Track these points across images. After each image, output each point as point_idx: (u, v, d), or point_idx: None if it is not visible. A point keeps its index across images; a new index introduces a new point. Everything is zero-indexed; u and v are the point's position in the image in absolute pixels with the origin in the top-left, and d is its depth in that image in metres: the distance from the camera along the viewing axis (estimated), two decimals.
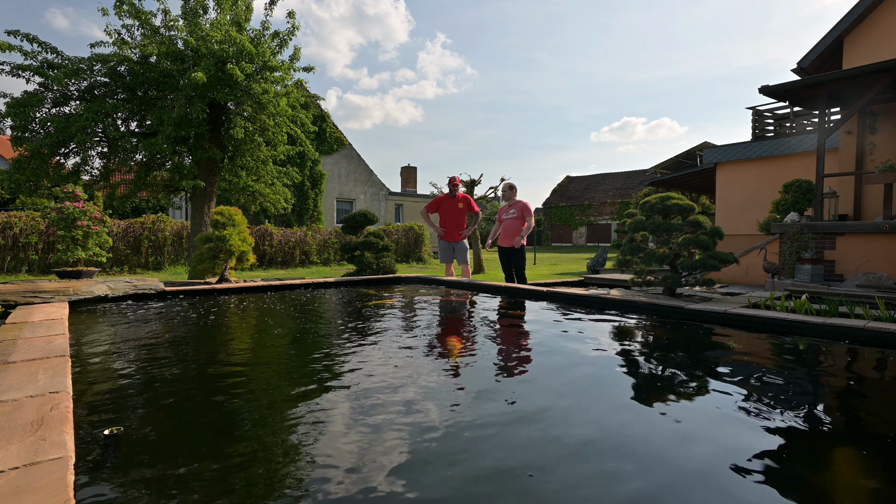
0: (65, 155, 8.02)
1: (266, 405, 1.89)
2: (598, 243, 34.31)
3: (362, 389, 2.01)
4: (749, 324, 3.38)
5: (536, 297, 4.75)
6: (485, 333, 3.37)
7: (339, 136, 21.67)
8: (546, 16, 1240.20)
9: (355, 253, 7.83)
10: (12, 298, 3.72)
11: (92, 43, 7.86)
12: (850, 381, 2.34)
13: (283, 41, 8.50)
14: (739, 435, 1.63)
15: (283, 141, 9.60)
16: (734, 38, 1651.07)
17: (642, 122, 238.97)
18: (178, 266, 12.05)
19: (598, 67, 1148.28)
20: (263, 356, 2.76)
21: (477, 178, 14.09)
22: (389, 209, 25.71)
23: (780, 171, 9.08)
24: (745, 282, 7.57)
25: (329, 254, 15.28)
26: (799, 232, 6.25)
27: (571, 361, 2.54)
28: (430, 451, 1.45)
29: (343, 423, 1.66)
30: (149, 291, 4.55)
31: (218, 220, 6.50)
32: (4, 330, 2.67)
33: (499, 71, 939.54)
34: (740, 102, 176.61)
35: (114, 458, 1.39)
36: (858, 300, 4.77)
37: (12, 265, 10.07)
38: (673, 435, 1.61)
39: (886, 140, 7.08)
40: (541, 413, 1.79)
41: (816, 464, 1.47)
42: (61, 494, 0.99)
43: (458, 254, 6.57)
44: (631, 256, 5.42)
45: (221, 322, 3.70)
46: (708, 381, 2.24)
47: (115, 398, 1.88)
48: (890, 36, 7.04)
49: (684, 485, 1.30)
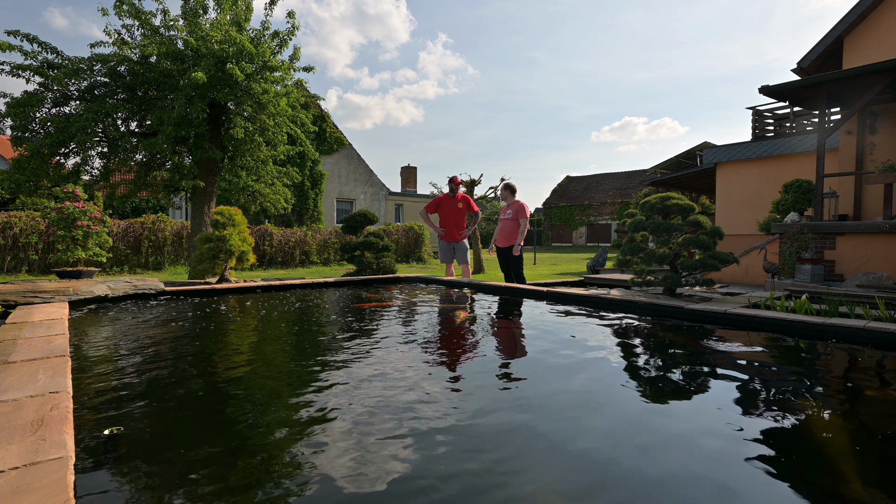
0: (65, 155, 8.03)
1: (266, 405, 1.89)
2: (598, 243, 34.32)
3: (362, 390, 2.01)
4: (749, 324, 3.38)
5: (536, 297, 4.75)
6: (485, 333, 3.37)
7: (339, 136, 21.67)
8: (547, 15, 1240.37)
9: (355, 253, 7.83)
10: (12, 298, 3.72)
11: (92, 43, 7.86)
12: (850, 381, 2.34)
13: (283, 41, 8.51)
14: (739, 435, 1.63)
15: (283, 141, 9.60)
16: (735, 37, 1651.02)
17: (643, 121, 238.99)
18: (178, 266, 12.05)
19: (598, 67, 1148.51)
20: (263, 356, 2.76)
21: (477, 178, 14.09)
22: (389, 209, 25.71)
23: (780, 171, 9.08)
24: (745, 282, 7.58)
25: (329, 254, 15.28)
26: (799, 232, 6.25)
27: (571, 361, 2.54)
28: (431, 452, 1.45)
29: (343, 424, 1.66)
30: (149, 291, 4.55)
31: (218, 220, 6.50)
32: (4, 330, 2.67)
33: (499, 70, 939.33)
34: (740, 102, 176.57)
35: (114, 458, 1.39)
36: (858, 300, 4.77)
37: (12, 265, 10.07)
38: (673, 435, 1.61)
39: (886, 140, 7.09)
40: (541, 413, 1.79)
41: (816, 464, 1.47)
42: (61, 494, 0.99)
43: (458, 254, 6.57)
44: (631, 256, 5.42)
45: (221, 322, 3.70)
46: (708, 382, 2.24)
47: (115, 398, 1.88)
48: (890, 36, 7.04)
49: (684, 485, 1.30)
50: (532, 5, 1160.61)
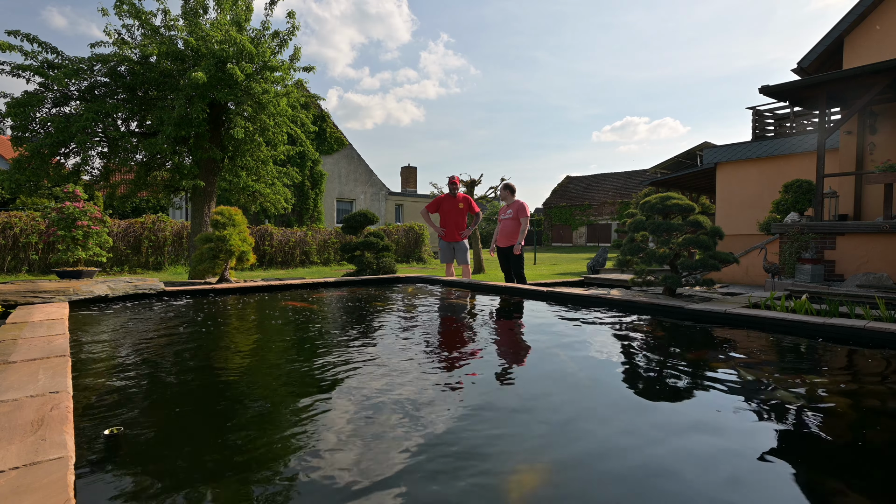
0: (65, 155, 8.03)
1: (267, 405, 1.89)
2: (598, 243, 34.31)
3: (362, 390, 2.01)
4: (749, 324, 3.38)
5: (536, 297, 4.75)
6: (485, 334, 3.37)
7: (340, 136, 21.68)
8: (547, 15, 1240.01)
9: (355, 253, 7.83)
10: (12, 298, 3.72)
11: (92, 43, 7.86)
12: (849, 381, 2.34)
13: (284, 41, 8.51)
14: (739, 435, 1.63)
15: (284, 141, 9.60)
16: (735, 37, 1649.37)
17: (644, 121, 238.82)
18: (179, 266, 12.05)
19: (599, 67, 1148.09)
20: (263, 356, 2.75)
21: (477, 178, 14.08)
22: (389, 209, 25.71)
23: (781, 171, 9.08)
24: (746, 282, 7.57)
25: (329, 254, 15.28)
26: (799, 232, 6.25)
27: (571, 361, 2.54)
28: (431, 454, 1.45)
29: (343, 423, 1.66)
30: (149, 291, 4.55)
31: (218, 220, 6.50)
32: (5, 330, 2.67)
33: (500, 70, 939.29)
34: (741, 102, 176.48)
35: (114, 458, 1.39)
36: (858, 300, 4.77)
37: (12, 265, 10.08)
38: (673, 435, 1.61)
39: (886, 140, 7.08)
40: (541, 413, 1.79)
41: (817, 464, 1.46)
42: (61, 494, 0.99)
43: (458, 254, 6.57)
44: (631, 256, 5.42)
45: (221, 322, 3.70)
46: (707, 382, 2.24)
47: (115, 398, 1.88)
48: (890, 36, 7.04)
49: (684, 484, 1.30)
50: (533, 5, 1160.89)
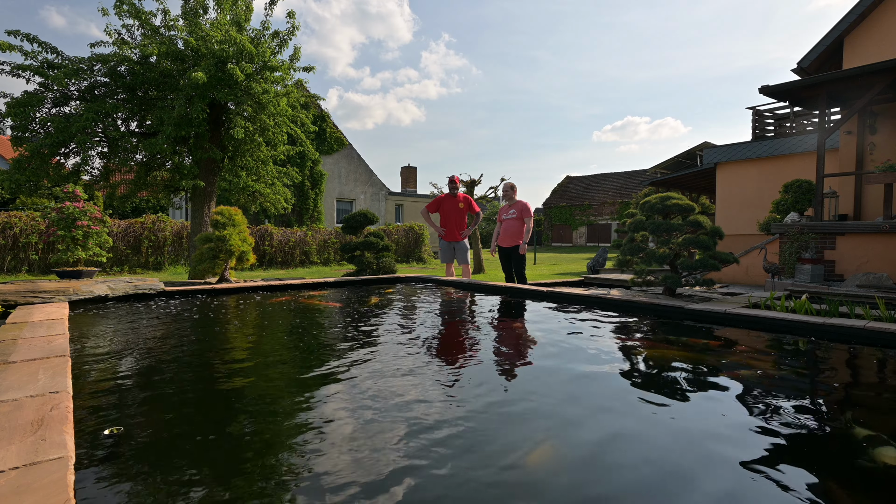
0: (65, 155, 8.02)
1: (267, 404, 1.89)
2: (598, 243, 34.31)
3: (362, 390, 2.01)
4: (749, 324, 3.38)
5: (537, 297, 4.75)
6: (485, 334, 3.37)
7: (340, 136, 21.67)
8: (548, 14, 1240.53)
9: (355, 253, 7.83)
10: (12, 298, 3.72)
11: (92, 43, 7.86)
12: (849, 381, 2.34)
13: (283, 41, 8.50)
14: (739, 435, 1.63)
15: (283, 141, 9.60)
16: (736, 37, 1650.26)
17: (645, 121, 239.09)
18: (179, 266, 12.05)
19: (599, 66, 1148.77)
20: (264, 356, 2.75)
21: (477, 178, 14.08)
22: (389, 209, 25.71)
23: (780, 171, 9.08)
24: (746, 282, 7.57)
25: (329, 254, 15.27)
26: (799, 232, 6.25)
27: (571, 362, 2.54)
28: (431, 454, 1.45)
29: (343, 423, 1.66)
30: (149, 291, 4.55)
31: (218, 220, 6.50)
32: (4, 330, 2.67)
33: (500, 70, 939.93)
34: (741, 102, 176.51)
35: (114, 458, 1.39)
36: (858, 300, 4.77)
37: (12, 265, 10.07)
38: (673, 435, 1.61)
39: (886, 140, 7.08)
40: (541, 413, 1.79)
41: (817, 464, 1.46)
42: (61, 494, 0.99)
43: (458, 254, 6.57)
44: (631, 256, 5.42)
45: (221, 322, 3.70)
46: (707, 382, 2.24)
47: (115, 398, 1.88)
48: (890, 36, 7.04)
49: (684, 486, 1.30)
50: (534, 4, 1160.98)
